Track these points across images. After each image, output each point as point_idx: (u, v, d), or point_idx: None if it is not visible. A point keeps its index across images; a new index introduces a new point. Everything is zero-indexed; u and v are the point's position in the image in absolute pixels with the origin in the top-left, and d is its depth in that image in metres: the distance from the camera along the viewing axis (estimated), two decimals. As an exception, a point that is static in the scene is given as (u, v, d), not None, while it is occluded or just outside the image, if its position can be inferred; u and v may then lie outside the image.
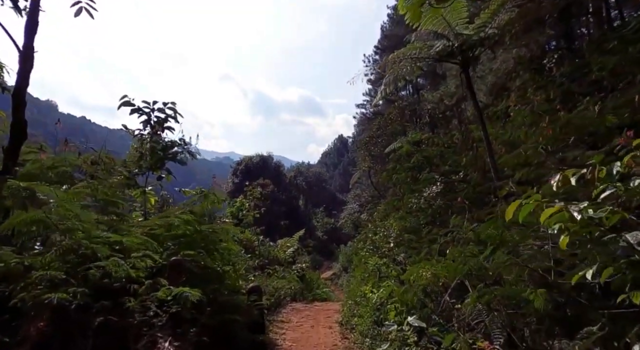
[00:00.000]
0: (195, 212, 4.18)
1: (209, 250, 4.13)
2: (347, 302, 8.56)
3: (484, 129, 8.86)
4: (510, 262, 2.79)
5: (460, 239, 5.57)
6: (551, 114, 5.33)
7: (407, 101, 26.08)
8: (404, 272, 5.23)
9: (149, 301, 3.04)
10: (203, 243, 4.12)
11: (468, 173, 9.96)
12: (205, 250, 4.02)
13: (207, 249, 4.10)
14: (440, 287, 3.71)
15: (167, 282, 3.13)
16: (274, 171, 43.64)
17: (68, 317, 2.73)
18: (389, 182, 14.10)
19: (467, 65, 9.23)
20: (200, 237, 4.09)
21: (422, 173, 9.90)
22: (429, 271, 3.52)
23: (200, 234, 4.07)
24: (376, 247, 9.18)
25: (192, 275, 3.72)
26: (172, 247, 3.89)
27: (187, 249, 3.81)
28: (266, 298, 7.55)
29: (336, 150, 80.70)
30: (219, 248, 4.30)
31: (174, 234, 3.84)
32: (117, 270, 2.80)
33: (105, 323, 2.80)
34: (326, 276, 25.52)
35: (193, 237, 3.97)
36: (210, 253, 4.15)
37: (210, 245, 4.20)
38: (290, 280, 11.34)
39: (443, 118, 19.80)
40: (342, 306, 8.95)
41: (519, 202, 1.79)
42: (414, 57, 9.58)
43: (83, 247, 2.85)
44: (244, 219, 13.82)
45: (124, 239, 3.05)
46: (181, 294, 2.99)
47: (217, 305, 3.72)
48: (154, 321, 2.98)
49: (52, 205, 2.95)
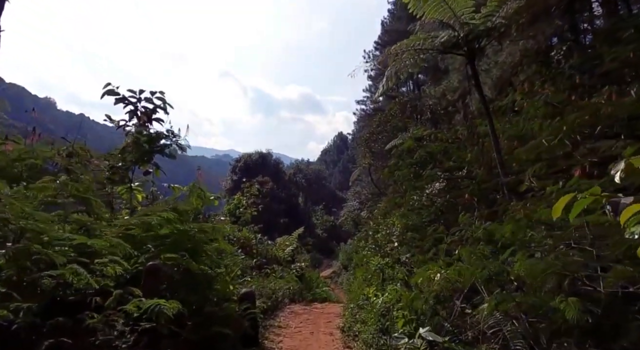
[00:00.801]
0: (181, 210, 3.79)
1: (196, 252, 3.73)
2: (349, 306, 8.08)
3: (491, 123, 8.52)
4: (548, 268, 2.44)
5: (469, 239, 5.23)
6: (566, 105, 4.99)
7: (408, 97, 25.68)
8: (411, 274, 4.89)
9: (116, 316, 2.55)
10: (190, 244, 3.71)
11: (472, 169, 9.63)
12: (192, 253, 3.61)
13: (194, 250, 3.70)
14: (451, 291, 3.38)
15: (143, 291, 2.69)
16: (274, 168, 43.30)
17: (8, 339, 2.26)
18: (390, 179, 13.76)
19: (473, 56, 8.87)
20: (186, 237, 3.68)
21: (426, 169, 9.55)
22: (440, 274, 3.19)
23: (186, 234, 3.69)
24: (378, 246, 8.84)
25: (173, 282, 3.36)
26: (152, 250, 3.46)
27: (170, 251, 3.40)
28: (262, 301, 7.16)
29: (336, 147, 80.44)
30: (208, 249, 3.90)
31: (155, 235, 3.46)
32: (77, 280, 2.40)
33: (56, 346, 2.30)
34: (326, 274, 25.23)
35: (177, 238, 3.56)
36: (198, 255, 3.74)
37: (198, 246, 3.79)
38: (289, 280, 10.98)
39: (445, 114, 19.46)
40: (344, 310, 8.46)
41: (570, 196, 1.45)
42: (418, 49, 9.23)
43: (37, 252, 2.42)
44: (242, 217, 13.46)
45: (90, 241, 2.66)
46: (155, 306, 2.51)
47: (202, 316, 3.34)
48: (117, 344, 2.47)
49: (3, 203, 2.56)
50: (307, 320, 8.31)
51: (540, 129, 4.74)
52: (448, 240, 5.64)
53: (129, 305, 2.49)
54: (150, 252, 3.39)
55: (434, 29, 9.55)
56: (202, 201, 4.34)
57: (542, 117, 4.94)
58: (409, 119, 22.82)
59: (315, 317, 8.70)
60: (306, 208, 45.76)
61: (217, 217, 9.73)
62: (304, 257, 19.01)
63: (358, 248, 21.33)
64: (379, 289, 6.25)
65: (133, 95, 4.84)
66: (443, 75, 24.05)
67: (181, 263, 3.36)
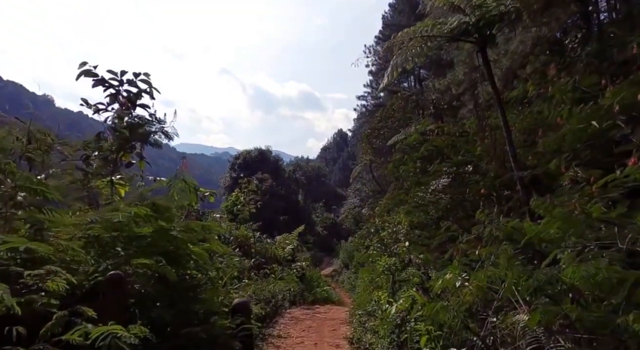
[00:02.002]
0: (160, 205, 3.12)
1: (179, 256, 3.16)
2: (356, 312, 7.42)
3: (503, 114, 8.02)
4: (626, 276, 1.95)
5: (489, 237, 4.73)
6: (597, 90, 4.49)
7: (410, 92, 25.16)
8: (427, 277, 4.40)
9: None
10: (172, 246, 3.11)
11: (481, 164, 9.15)
12: (174, 257, 3.04)
13: (176, 254, 3.13)
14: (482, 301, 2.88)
15: (101, 310, 2.01)
16: (273, 165, 42.80)
17: None
18: (394, 175, 13.26)
19: (484, 44, 8.37)
20: (166, 238, 3.06)
21: (433, 164, 9.05)
22: (467, 281, 2.70)
23: (166, 235, 3.07)
24: (384, 245, 8.34)
25: (145, 295, 2.77)
26: (122, 254, 2.82)
27: (145, 255, 2.77)
28: (261, 306, 6.62)
29: (336, 144, 79.94)
30: (195, 252, 3.29)
31: (128, 236, 2.91)
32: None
33: None
34: (327, 273, 24.79)
35: (155, 239, 2.92)
36: (182, 259, 3.19)
37: (182, 248, 3.18)
38: (289, 281, 10.46)
39: (449, 108, 18.95)
40: (350, 316, 7.82)
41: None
42: (425, 36, 8.71)
43: None
44: (239, 215, 12.95)
45: (25, 246, 2.09)
46: (106, 335, 1.79)
47: (180, 339, 2.70)
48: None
49: None
50: (310, 327, 7.54)
51: (569, 115, 4.25)
52: (463, 239, 5.14)
53: (68, 335, 1.89)
54: (119, 257, 2.79)
55: (442, 15, 9.05)
56: (189, 195, 3.77)
57: (571, 103, 4.45)
58: (412, 114, 22.35)
59: (319, 324, 7.97)
60: (306, 205, 45.30)
61: (212, 214, 9.24)
62: (305, 256, 18.52)
63: (359, 246, 20.87)
64: (390, 293, 5.72)
65: (114, 77, 4.30)
66: (446, 70, 23.52)
67: (157, 270, 2.80)
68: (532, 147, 8.58)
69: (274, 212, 35.14)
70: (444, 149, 10.08)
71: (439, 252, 8.58)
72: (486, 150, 8.59)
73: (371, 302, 6.36)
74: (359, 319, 6.73)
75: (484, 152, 8.68)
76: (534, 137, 8.55)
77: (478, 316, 2.75)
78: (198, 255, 3.22)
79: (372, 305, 6.11)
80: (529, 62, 11.35)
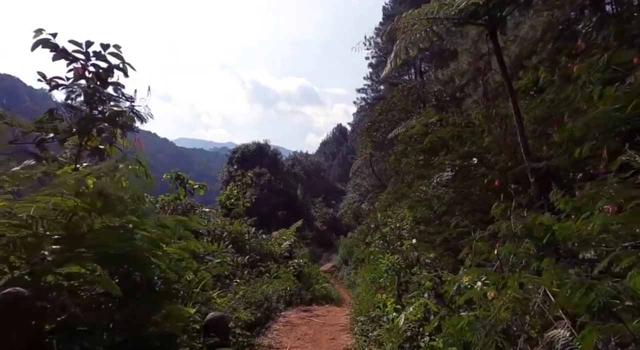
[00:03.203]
0: (110, 195, 2.43)
1: (138, 260, 2.48)
2: (358, 318, 6.63)
3: (514, 102, 7.50)
4: None
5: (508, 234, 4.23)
6: (630, 68, 3.98)
7: (411, 84, 24.57)
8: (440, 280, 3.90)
9: None
10: (129, 247, 2.42)
11: (489, 155, 8.64)
12: (131, 261, 2.41)
13: (135, 257, 2.44)
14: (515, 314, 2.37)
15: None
16: (271, 159, 42.27)
17: None
18: (396, 167, 12.74)
19: (494, 27, 7.83)
20: (117, 237, 2.40)
21: (439, 155, 8.53)
22: (496, 291, 2.20)
23: (117, 233, 2.42)
24: (387, 242, 7.82)
25: (70, 317, 2.00)
26: (48, 259, 2.11)
27: (83, 260, 2.17)
28: (251, 311, 6.04)
29: (335, 139, 79.39)
30: (159, 254, 2.59)
31: (63, 235, 2.31)
32: None
33: None
34: (326, 269, 24.35)
35: (102, 239, 2.33)
36: (141, 264, 2.50)
37: (140, 250, 2.50)
38: (286, 280, 9.92)
39: (451, 101, 18.41)
40: (352, 322, 7.00)
41: None
42: (430, 18, 8.16)
43: None
44: (234, 209, 12.40)
45: None
46: None
47: None
48: None
49: None
50: (306, 335, 6.72)
51: (600, 97, 3.75)
52: (476, 235, 4.64)
53: None
54: (43, 262, 2.06)
55: None
56: (144, 181, 3.15)
57: (602, 84, 3.95)
58: (413, 107, 21.82)
59: (316, 331, 7.12)
60: (305, 200, 44.83)
61: (201, 208, 8.71)
62: (303, 252, 18.02)
63: (359, 241, 20.38)
64: (396, 296, 5.18)
65: (78, 50, 3.72)
66: (448, 62, 22.92)
67: (94, 280, 2.20)
68: (543, 137, 8.07)
69: (272, 206, 34.69)
70: (449, 141, 9.57)
71: (443, 249, 8.11)
72: (495, 141, 8.07)
73: (374, 306, 5.75)
74: (361, 327, 6.06)
75: (492, 143, 8.16)
76: (547, 127, 8.04)
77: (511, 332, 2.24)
78: (162, 258, 2.63)
79: (375, 310, 5.48)
80: (537, 50, 10.81)
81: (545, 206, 5.26)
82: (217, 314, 2.54)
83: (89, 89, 3.57)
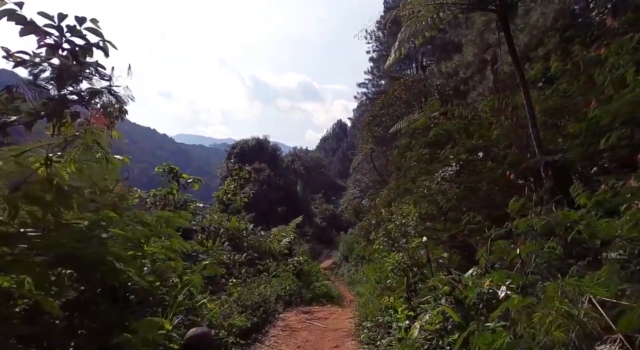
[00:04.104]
0: (61, 185, 1.94)
1: (99, 264, 2.03)
2: (364, 324, 5.98)
3: (526, 92, 7.13)
4: None
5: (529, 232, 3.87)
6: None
7: (413, 79, 24.13)
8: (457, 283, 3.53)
9: None
10: (90, 250, 1.99)
11: (496, 148, 8.27)
12: (91, 265, 2.00)
13: (94, 262, 1.99)
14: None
15: None
16: (271, 155, 41.84)
17: None
18: (397, 164, 12.36)
19: (505, 13, 7.43)
20: (72, 237, 1.95)
21: (444, 149, 8.15)
22: (545, 302, 1.82)
23: (73, 233, 1.92)
24: (391, 239, 7.44)
25: None
26: None
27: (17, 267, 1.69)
28: (246, 316, 5.59)
29: (335, 135, 78.86)
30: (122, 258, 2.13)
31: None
32: None
33: None
34: (326, 266, 24.04)
35: (51, 240, 1.84)
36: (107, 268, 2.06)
37: (102, 253, 2.03)
38: (285, 279, 9.51)
39: (455, 94, 17.99)
40: (357, 327, 6.35)
41: None
42: (438, 3, 7.75)
43: None
44: (231, 204, 12.00)
45: None
46: None
47: None
48: None
49: None
50: (307, 342, 6.08)
51: (634, 79, 3.38)
52: (491, 233, 4.27)
53: None
54: None
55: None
56: (105, 167, 2.66)
57: (635, 65, 3.57)
58: (415, 101, 21.42)
59: (318, 336, 6.49)
60: (305, 196, 44.46)
61: (195, 203, 8.31)
62: (303, 249, 17.64)
63: (359, 238, 20.03)
64: (405, 300, 4.73)
65: (50, 24, 3.27)
66: (452, 55, 22.44)
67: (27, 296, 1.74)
68: (555, 129, 7.70)
69: (271, 203, 34.33)
70: (455, 134, 9.19)
71: (448, 246, 7.75)
72: (505, 134, 7.68)
73: (382, 310, 5.28)
74: (368, 334, 5.42)
75: (502, 135, 7.77)
76: (560, 119, 7.66)
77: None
78: (131, 263, 2.18)
79: (384, 315, 4.97)
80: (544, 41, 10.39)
81: (564, 201, 4.88)
82: (199, 330, 2.12)
83: (58, 64, 3.13)
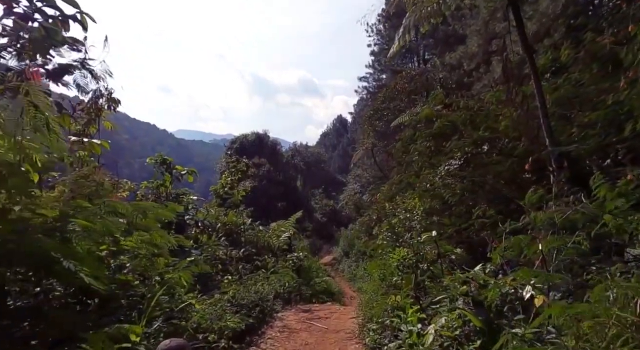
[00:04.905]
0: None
1: (43, 261, 1.53)
2: (369, 326, 5.49)
3: (537, 80, 6.81)
4: None
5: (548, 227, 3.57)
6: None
7: (415, 71, 23.71)
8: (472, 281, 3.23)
9: None
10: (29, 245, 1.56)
11: (506, 140, 7.96)
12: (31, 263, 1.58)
13: (36, 258, 1.56)
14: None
15: None
16: (271, 150, 41.50)
17: None
18: (399, 158, 12.03)
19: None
20: (7, 227, 1.58)
21: (450, 141, 7.83)
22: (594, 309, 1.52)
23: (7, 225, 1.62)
24: (396, 234, 7.13)
25: None
26: None
27: None
28: (240, 317, 5.26)
29: (335, 131, 78.50)
30: (72, 254, 1.72)
31: None
32: None
33: None
34: (326, 261, 23.82)
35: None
36: (57, 266, 1.62)
37: (44, 248, 1.60)
38: (284, 275, 9.19)
39: (458, 87, 17.63)
40: (360, 329, 5.93)
41: None
42: (444, -12, 7.41)
43: None
44: (229, 198, 11.69)
45: None
46: None
47: None
48: None
49: None
50: (306, 345, 5.66)
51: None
52: (506, 226, 3.97)
53: None
54: None
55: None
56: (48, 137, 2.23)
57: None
58: (417, 94, 21.06)
59: (319, 339, 6.05)
60: (305, 192, 44.19)
61: (188, 196, 7.99)
62: (303, 244, 17.38)
63: (360, 233, 19.76)
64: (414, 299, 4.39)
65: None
66: (455, 47, 22.02)
67: None
68: (566, 120, 7.40)
69: (271, 198, 34.08)
70: (461, 125, 8.86)
71: (455, 242, 7.48)
72: (514, 125, 7.36)
73: (388, 311, 4.92)
74: (374, 337, 4.99)
75: (511, 127, 7.45)
76: (572, 109, 7.33)
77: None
78: (84, 260, 1.79)
79: (391, 317, 4.59)
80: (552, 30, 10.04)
81: (583, 193, 4.57)
82: (173, 343, 1.81)
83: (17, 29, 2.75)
